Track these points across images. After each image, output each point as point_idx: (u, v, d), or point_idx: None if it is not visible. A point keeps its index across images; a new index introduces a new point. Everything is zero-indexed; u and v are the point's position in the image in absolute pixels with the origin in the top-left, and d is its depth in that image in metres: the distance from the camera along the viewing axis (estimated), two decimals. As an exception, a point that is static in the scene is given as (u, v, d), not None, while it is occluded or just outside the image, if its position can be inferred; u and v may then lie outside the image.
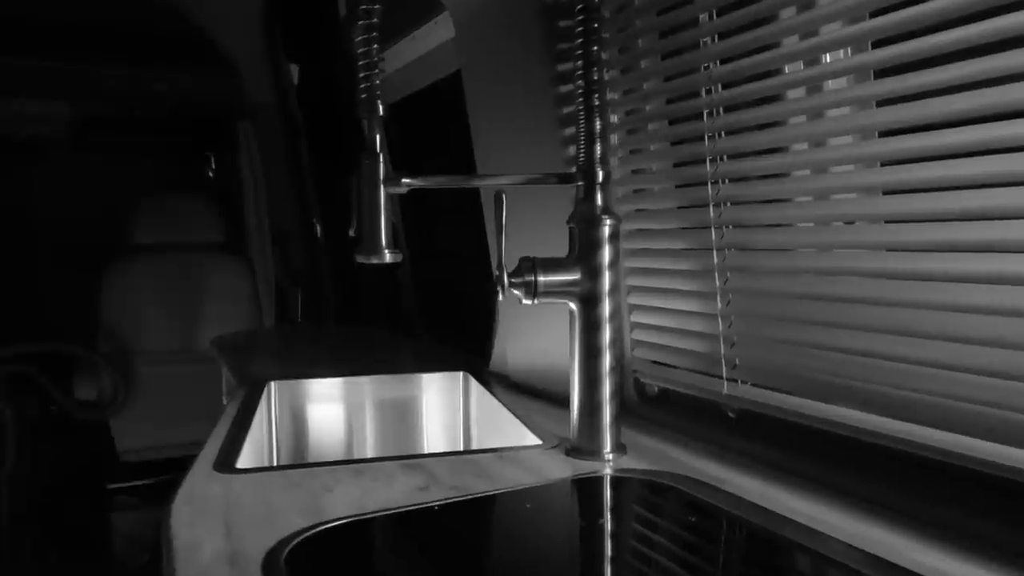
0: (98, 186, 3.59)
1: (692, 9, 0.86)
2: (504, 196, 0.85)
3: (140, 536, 2.80)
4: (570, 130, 1.04)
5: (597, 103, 0.88)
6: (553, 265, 0.87)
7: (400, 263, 2.26)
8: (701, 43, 0.87)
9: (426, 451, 1.45)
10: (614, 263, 0.88)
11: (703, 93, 0.84)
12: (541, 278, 0.86)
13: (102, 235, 3.35)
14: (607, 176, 0.89)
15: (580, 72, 0.89)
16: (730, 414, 0.88)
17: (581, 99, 0.89)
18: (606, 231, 0.87)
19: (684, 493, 0.75)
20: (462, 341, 1.78)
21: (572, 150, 1.05)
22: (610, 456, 0.88)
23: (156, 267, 3.10)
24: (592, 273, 0.87)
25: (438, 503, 0.73)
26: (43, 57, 2.90)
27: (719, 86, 0.83)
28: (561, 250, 0.90)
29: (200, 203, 3.25)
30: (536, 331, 1.24)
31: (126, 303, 3.04)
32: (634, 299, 1.03)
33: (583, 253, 0.88)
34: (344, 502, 0.74)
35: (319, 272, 2.97)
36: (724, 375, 0.87)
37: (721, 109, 0.84)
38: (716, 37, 0.84)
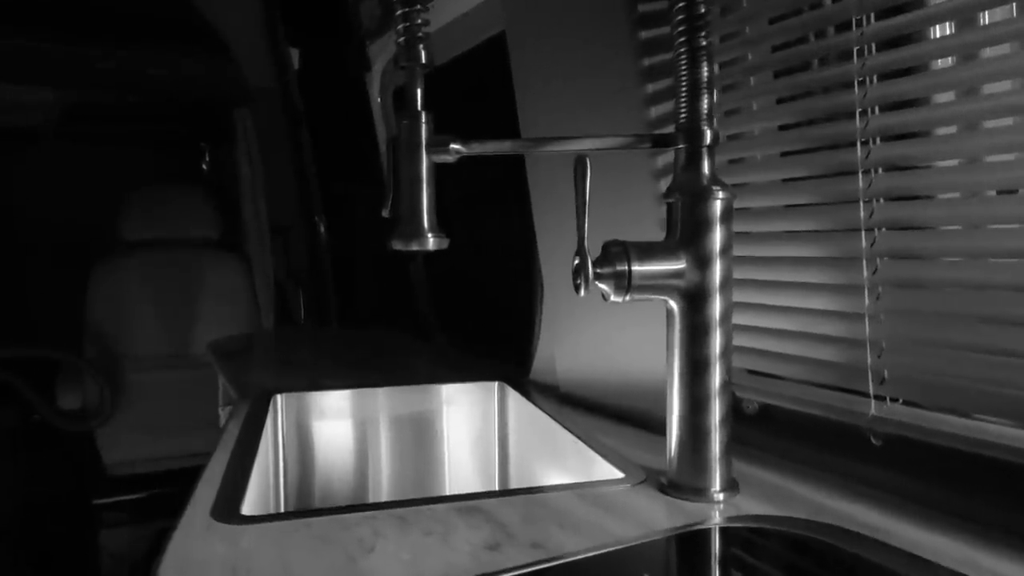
0: (85, 179, 3.38)
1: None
2: (588, 162, 0.66)
3: (128, 554, 2.61)
4: (656, 86, 0.85)
5: (703, 44, 0.69)
6: (649, 251, 0.68)
7: (414, 255, 2.06)
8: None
9: (448, 473, 1.26)
10: (726, 249, 0.68)
11: (853, 25, 0.65)
12: (636, 267, 0.67)
13: (89, 231, 3.14)
14: (715, 137, 0.70)
15: (681, 4, 0.69)
16: (874, 440, 0.69)
17: (683, 40, 0.69)
18: (718, 207, 0.68)
19: (849, 554, 0.56)
20: (490, 345, 1.59)
21: (654, 111, 0.86)
22: (721, 496, 0.69)
23: (146, 265, 2.89)
24: (700, 261, 0.68)
25: (523, 573, 0.53)
26: (26, 38, 2.68)
27: (871, 16, 0.64)
28: (623, 233, 0.71)
29: (194, 197, 3.03)
30: (595, 332, 1.04)
31: (114, 304, 2.82)
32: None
33: (687, 235, 0.68)
34: (392, 569, 0.54)
35: (322, 271, 2.77)
36: (871, 392, 0.68)
37: (874, 46, 0.65)
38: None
